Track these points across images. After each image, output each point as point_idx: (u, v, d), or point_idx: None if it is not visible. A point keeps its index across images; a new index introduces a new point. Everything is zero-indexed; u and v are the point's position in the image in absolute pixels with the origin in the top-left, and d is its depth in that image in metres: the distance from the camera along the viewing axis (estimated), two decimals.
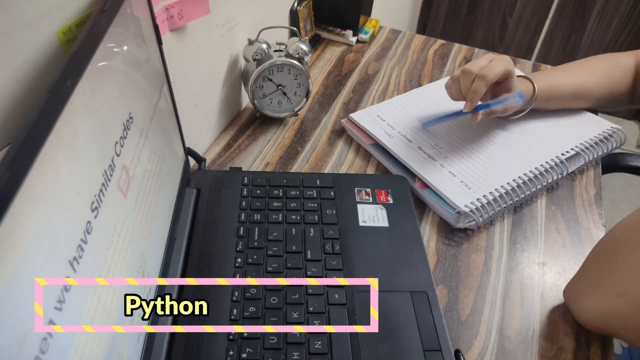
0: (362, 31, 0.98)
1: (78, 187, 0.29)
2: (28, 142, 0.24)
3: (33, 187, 0.24)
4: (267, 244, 0.55)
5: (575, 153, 0.68)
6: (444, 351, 0.47)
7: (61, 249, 0.27)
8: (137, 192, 0.40)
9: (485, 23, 2.03)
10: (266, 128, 0.75)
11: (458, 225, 0.61)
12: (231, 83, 0.73)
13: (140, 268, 0.41)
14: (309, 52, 0.70)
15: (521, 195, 0.63)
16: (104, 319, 0.32)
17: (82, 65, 0.31)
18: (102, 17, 0.34)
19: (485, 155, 0.67)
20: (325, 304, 0.50)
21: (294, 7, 0.85)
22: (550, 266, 0.59)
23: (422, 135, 0.71)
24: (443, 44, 1.00)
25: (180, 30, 0.56)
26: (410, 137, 0.70)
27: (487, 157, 0.67)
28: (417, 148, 0.68)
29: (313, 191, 0.61)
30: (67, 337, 0.27)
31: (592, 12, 1.83)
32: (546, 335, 0.52)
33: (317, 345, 0.46)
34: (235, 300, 0.49)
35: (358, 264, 0.54)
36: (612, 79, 0.73)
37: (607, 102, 0.75)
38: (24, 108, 0.35)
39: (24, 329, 0.23)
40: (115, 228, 0.35)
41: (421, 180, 0.64)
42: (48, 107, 0.27)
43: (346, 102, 0.82)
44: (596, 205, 0.67)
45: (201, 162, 0.65)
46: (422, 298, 0.51)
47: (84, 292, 0.29)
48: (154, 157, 0.46)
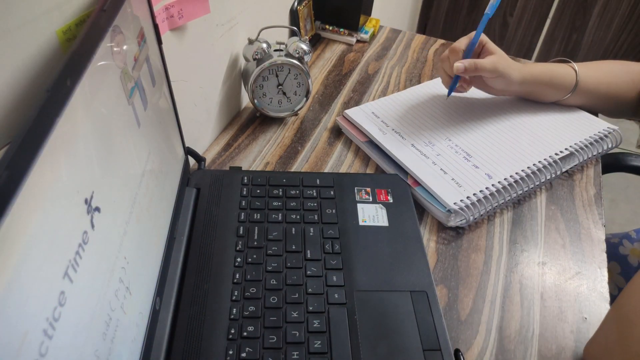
0: (362, 31, 0.98)
1: (78, 187, 0.29)
2: (27, 141, 0.24)
3: (32, 187, 0.24)
4: (266, 243, 0.55)
5: (569, 153, 0.68)
6: (444, 351, 0.47)
7: (61, 249, 0.27)
8: (136, 192, 0.40)
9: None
10: (266, 127, 0.75)
11: (449, 223, 0.61)
12: (231, 82, 0.73)
13: (140, 267, 0.41)
14: (309, 51, 0.70)
15: (513, 194, 0.63)
16: (103, 317, 0.32)
17: (82, 64, 0.31)
18: (101, 17, 0.34)
19: (477, 153, 0.67)
20: (325, 304, 0.50)
21: (294, 6, 0.85)
22: (550, 266, 0.59)
23: (416, 132, 0.71)
24: (443, 43, 1.00)
25: (180, 29, 0.56)
26: (404, 134, 0.70)
27: (480, 155, 0.67)
28: (410, 145, 0.68)
29: (313, 191, 0.61)
30: (67, 337, 0.27)
31: (592, 11, 1.83)
32: (546, 336, 0.52)
33: (316, 345, 0.46)
34: (234, 300, 0.49)
35: (358, 264, 0.54)
36: (619, 82, 0.73)
37: (609, 104, 0.75)
38: (23, 107, 0.35)
39: (23, 329, 0.23)
40: (115, 228, 0.35)
41: (413, 177, 0.64)
42: (48, 106, 0.27)
43: (346, 102, 0.82)
44: (596, 205, 0.67)
45: (201, 162, 0.65)
46: (421, 298, 0.51)
47: (83, 292, 0.29)
48: (154, 157, 0.46)
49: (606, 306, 0.55)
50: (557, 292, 0.56)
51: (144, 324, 0.42)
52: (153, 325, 0.44)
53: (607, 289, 0.56)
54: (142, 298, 0.41)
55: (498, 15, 1.98)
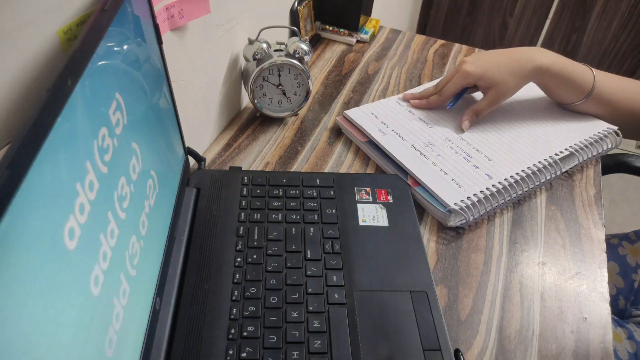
0: (362, 31, 0.98)
1: (78, 186, 0.29)
2: (28, 140, 0.24)
3: (33, 186, 0.24)
4: (266, 243, 0.55)
5: (569, 153, 0.68)
6: (444, 351, 0.47)
7: (60, 248, 0.27)
8: (137, 192, 0.40)
9: (485, 23, 2.03)
10: (266, 128, 0.75)
11: (449, 224, 0.61)
12: (231, 82, 0.73)
13: (140, 267, 0.41)
14: (309, 51, 0.70)
15: (513, 195, 0.63)
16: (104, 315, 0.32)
17: (83, 64, 0.31)
18: (102, 17, 0.34)
19: (477, 154, 0.67)
20: (325, 304, 0.50)
21: (294, 6, 0.85)
22: (550, 266, 0.59)
23: (416, 133, 0.71)
24: (443, 43, 1.00)
25: (181, 29, 0.56)
26: (404, 135, 0.70)
27: (480, 155, 0.67)
28: (410, 146, 0.68)
29: (313, 190, 0.61)
30: (67, 337, 0.27)
31: (592, 12, 1.83)
32: (546, 336, 0.52)
33: (316, 345, 0.46)
34: (234, 300, 0.49)
35: (358, 264, 0.54)
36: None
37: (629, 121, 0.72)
38: (24, 107, 0.35)
39: (23, 328, 0.23)
40: (115, 227, 0.35)
41: (413, 177, 0.64)
42: (48, 106, 0.27)
43: (346, 102, 0.82)
44: (596, 205, 0.67)
45: (201, 162, 0.65)
46: (421, 297, 0.51)
47: (83, 290, 0.29)
48: (154, 157, 0.46)
49: (606, 306, 0.55)
50: (557, 292, 0.56)
51: (144, 324, 0.42)
52: (153, 325, 0.44)
53: (607, 289, 0.56)
54: (142, 298, 0.41)
55: (498, 16, 1.98)
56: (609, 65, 1.92)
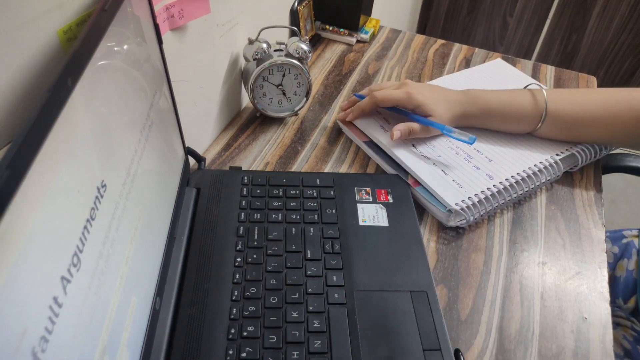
0: (363, 31, 0.98)
1: (78, 186, 0.29)
2: (28, 140, 0.24)
3: (32, 186, 0.24)
4: (266, 243, 0.55)
5: (569, 153, 0.68)
6: (444, 351, 0.47)
7: (61, 249, 0.27)
8: (137, 191, 0.40)
9: (485, 23, 2.03)
10: (266, 128, 0.75)
11: (449, 223, 0.61)
12: (231, 82, 0.73)
13: (140, 267, 0.41)
14: (309, 51, 0.70)
15: (514, 195, 0.63)
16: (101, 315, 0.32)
17: (83, 64, 0.31)
18: (102, 16, 0.34)
19: (478, 154, 0.67)
20: (325, 304, 0.50)
21: (294, 6, 0.85)
22: (550, 266, 0.59)
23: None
24: (443, 43, 1.00)
25: (181, 29, 0.56)
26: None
27: (480, 156, 0.67)
28: (411, 145, 0.68)
29: (313, 190, 0.61)
30: (66, 336, 0.27)
31: (592, 12, 1.83)
32: (546, 335, 0.52)
33: (316, 345, 0.46)
34: (234, 300, 0.49)
35: (358, 264, 0.54)
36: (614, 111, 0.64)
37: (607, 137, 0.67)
38: (24, 107, 0.35)
39: (22, 327, 0.23)
40: (114, 227, 0.35)
41: (413, 177, 0.64)
42: (48, 106, 0.27)
43: None
44: (596, 205, 0.67)
45: (201, 162, 0.65)
46: (421, 297, 0.51)
47: (82, 290, 0.29)
48: (154, 157, 0.46)
49: (606, 306, 0.55)
50: (557, 292, 0.56)
51: (144, 324, 0.42)
52: (153, 325, 0.44)
53: (607, 289, 0.56)
54: (142, 298, 0.41)
55: (498, 16, 1.98)
56: (609, 65, 1.92)
